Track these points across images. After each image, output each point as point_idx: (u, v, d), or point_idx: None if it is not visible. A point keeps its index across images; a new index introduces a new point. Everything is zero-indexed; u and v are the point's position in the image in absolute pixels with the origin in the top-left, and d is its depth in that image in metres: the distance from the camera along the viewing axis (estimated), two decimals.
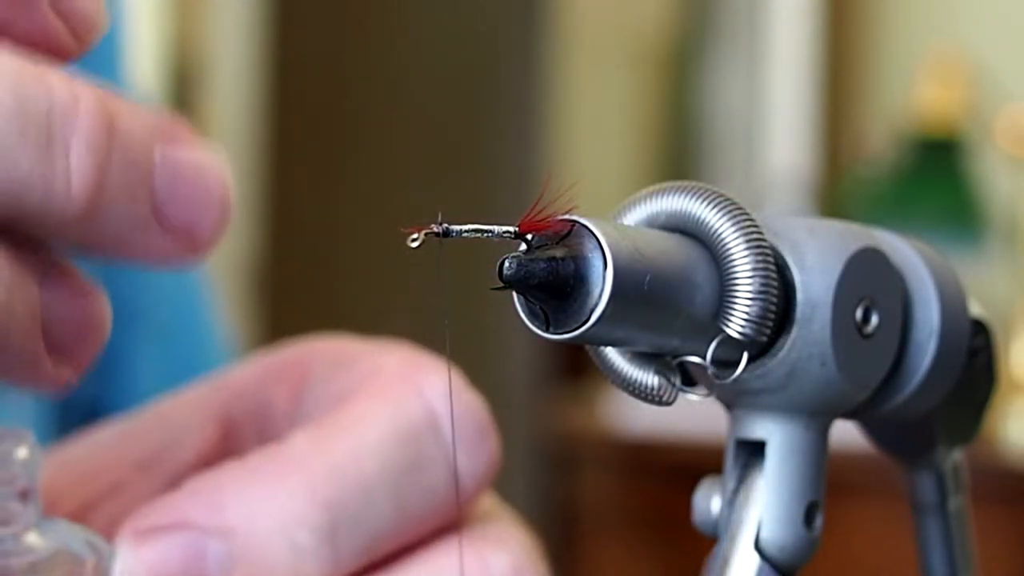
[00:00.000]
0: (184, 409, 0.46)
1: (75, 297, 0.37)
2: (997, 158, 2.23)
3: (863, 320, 0.38)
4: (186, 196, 0.38)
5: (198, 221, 0.38)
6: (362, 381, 0.44)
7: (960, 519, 0.45)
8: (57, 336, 0.37)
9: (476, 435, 0.44)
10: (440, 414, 0.43)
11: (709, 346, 0.36)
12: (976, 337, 0.42)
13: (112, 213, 0.36)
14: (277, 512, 0.41)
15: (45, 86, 0.36)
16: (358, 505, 0.41)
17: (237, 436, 0.46)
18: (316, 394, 0.46)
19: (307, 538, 0.41)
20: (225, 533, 0.41)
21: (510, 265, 0.34)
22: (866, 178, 2.33)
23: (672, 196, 0.37)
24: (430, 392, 0.43)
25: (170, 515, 0.41)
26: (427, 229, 0.35)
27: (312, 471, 0.41)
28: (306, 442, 0.42)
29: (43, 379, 0.37)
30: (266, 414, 0.46)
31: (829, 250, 0.38)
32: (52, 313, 0.37)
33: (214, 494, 0.41)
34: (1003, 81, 2.28)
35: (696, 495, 0.40)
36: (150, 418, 0.46)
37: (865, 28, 2.45)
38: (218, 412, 0.46)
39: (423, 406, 0.43)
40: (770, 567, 0.39)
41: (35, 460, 0.39)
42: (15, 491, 0.39)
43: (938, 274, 0.40)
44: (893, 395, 0.40)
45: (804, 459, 0.39)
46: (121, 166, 0.36)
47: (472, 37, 2.18)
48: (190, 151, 0.38)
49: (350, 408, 0.43)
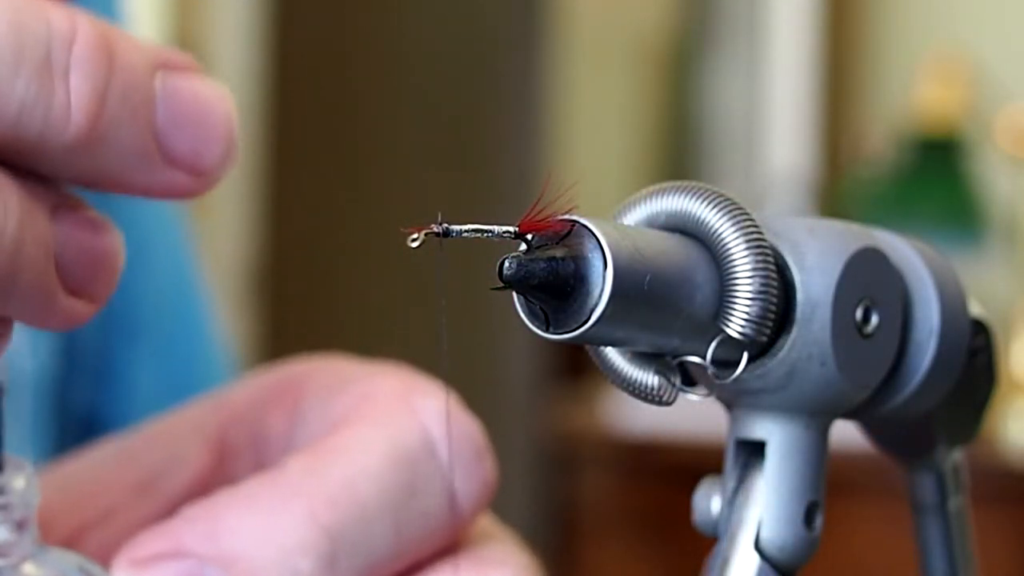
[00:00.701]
0: (179, 431, 0.45)
1: (87, 231, 0.37)
2: (997, 158, 2.23)
3: (863, 320, 0.38)
4: (189, 126, 0.37)
5: (202, 152, 0.37)
6: (357, 404, 0.44)
7: (960, 519, 0.45)
8: (70, 270, 0.36)
9: (473, 457, 0.44)
10: (436, 437, 0.43)
11: (709, 346, 0.36)
12: (976, 337, 0.42)
13: (113, 142, 0.36)
14: (277, 539, 0.40)
15: (42, 15, 0.35)
16: (357, 530, 0.41)
17: (233, 460, 0.45)
18: (311, 417, 0.45)
19: (308, 565, 0.40)
20: (224, 561, 0.40)
21: (510, 265, 0.34)
22: (866, 178, 2.33)
23: (672, 196, 0.37)
24: (425, 415, 0.43)
25: (167, 543, 0.41)
26: (427, 229, 0.35)
27: (310, 497, 0.41)
28: (303, 468, 0.42)
29: (58, 315, 0.36)
30: (262, 438, 0.45)
31: (829, 250, 0.38)
32: (64, 247, 0.36)
33: (212, 521, 0.41)
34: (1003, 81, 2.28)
35: (696, 495, 0.40)
36: (145, 439, 0.46)
37: (865, 28, 2.45)
38: (214, 435, 0.45)
39: (419, 429, 0.43)
40: (770, 567, 0.39)
41: (32, 490, 0.39)
42: (12, 521, 0.38)
43: (938, 274, 0.40)
44: (893, 395, 0.40)
45: (804, 459, 0.39)
46: (120, 94, 0.36)
47: (472, 37, 2.18)
48: (193, 81, 0.37)
49: (346, 433, 0.43)
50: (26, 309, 0.36)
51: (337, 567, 0.41)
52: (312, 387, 0.45)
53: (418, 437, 0.43)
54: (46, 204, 0.36)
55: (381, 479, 0.42)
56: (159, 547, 0.41)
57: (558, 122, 2.26)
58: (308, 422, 0.45)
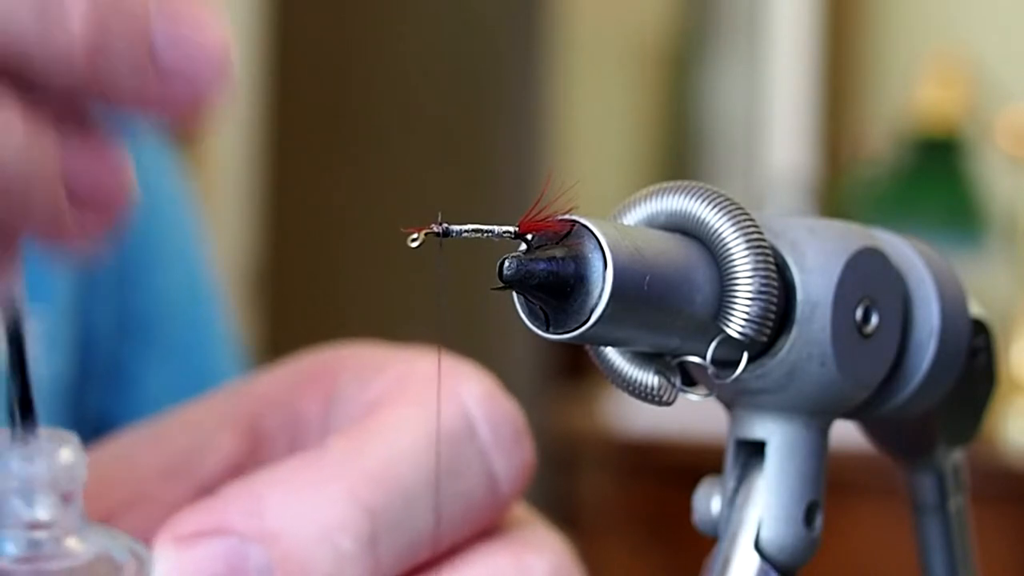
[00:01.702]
0: (209, 416, 0.46)
1: (97, 151, 0.37)
2: (997, 158, 2.23)
3: (863, 320, 0.38)
4: (183, 44, 0.37)
5: (196, 70, 0.37)
6: (396, 386, 0.44)
7: (960, 519, 0.45)
8: (81, 190, 0.36)
9: (512, 439, 0.44)
10: (476, 419, 0.43)
11: (709, 346, 0.36)
12: (976, 337, 0.42)
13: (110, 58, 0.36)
14: (319, 518, 0.41)
15: None
16: (398, 511, 0.41)
17: (266, 444, 0.46)
18: (347, 401, 0.45)
19: (349, 544, 0.41)
20: (266, 539, 0.41)
21: (510, 265, 0.34)
22: (866, 178, 2.33)
23: (672, 196, 0.37)
24: (466, 397, 0.44)
25: (210, 520, 0.41)
26: (427, 229, 0.35)
27: (352, 476, 0.41)
28: (344, 447, 0.42)
29: (70, 237, 0.36)
30: (297, 422, 0.46)
31: (829, 250, 0.38)
32: (74, 166, 0.36)
33: (254, 499, 0.41)
34: (1003, 81, 2.28)
35: (696, 495, 0.40)
36: (175, 425, 0.46)
37: (865, 28, 2.45)
38: (245, 419, 0.46)
39: (459, 411, 0.43)
40: (770, 567, 0.39)
41: (79, 463, 0.39)
42: (58, 494, 0.38)
43: (938, 274, 0.40)
44: (893, 395, 0.40)
45: (804, 459, 0.39)
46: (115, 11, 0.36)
47: (472, 37, 2.18)
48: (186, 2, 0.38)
49: (387, 413, 0.43)
50: (37, 228, 0.36)
51: (378, 546, 0.41)
52: (346, 372, 0.46)
53: (458, 418, 0.43)
54: (54, 122, 0.36)
55: (422, 460, 0.42)
56: (201, 524, 0.41)
57: (558, 122, 2.26)
58: (344, 406, 0.45)
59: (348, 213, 2.19)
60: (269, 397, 0.46)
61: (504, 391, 0.45)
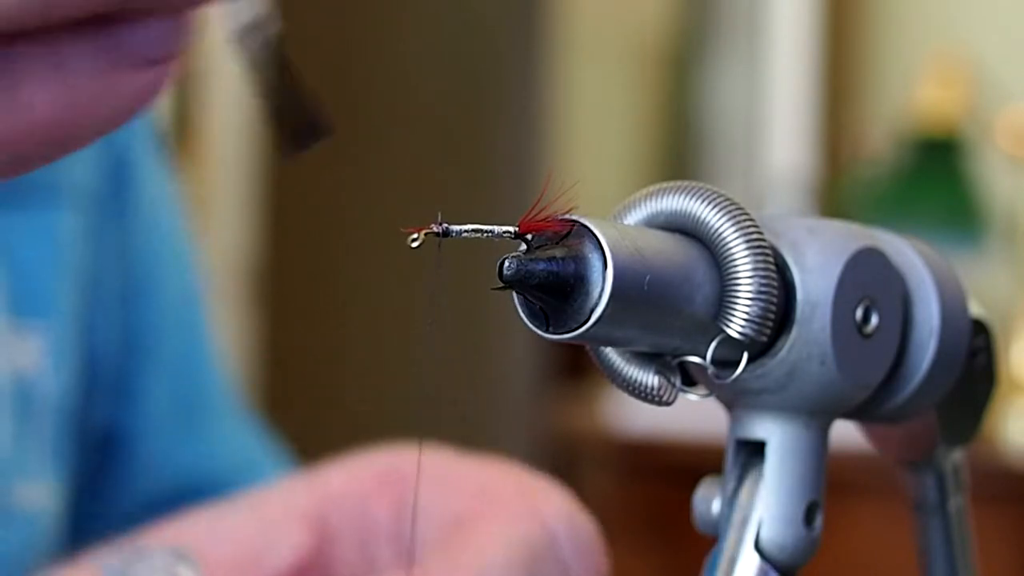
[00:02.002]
0: (279, 510, 0.49)
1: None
2: (997, 158, 2.23)
3: (863, 320, 0.38)
4: None
5: None
6: (477, 502, 0.48)
7: (960, 519, 0.45)
8: None
9: (588, 552, 0.49)
10: (559, 537, 0.48)
11: (709, 346, 0.36)
12: (976, 337, 0.42)
13: None
14: None
15: None
16: None
17: (335, 541, 0.49)
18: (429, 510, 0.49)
19: None
20: None
21: (510, 265, 0.34)
22: (866, 178, 2.33)
23: (672, 196, 0.37)
24: (549, 515, 0.48)
25: None
26: (427, 229, 0.35)
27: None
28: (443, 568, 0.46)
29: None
30: (366, 522, 0.49)
31: (829, 250, 0.38)
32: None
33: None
34: (1003, 81, 2.28)
35: (696, 495, 0.40)
36: (245, 515, 0.48)
37: (865, 28, 2.45)
38: (315, 515, 0.49)
39: (543, 530, 0.48)
40: (770, 567, 0.39)
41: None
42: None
43: (938, 274, 0.40)
44: (893, 395, 0.40)
45: (804, 459, 0.39)
46: None
47: (472, 37, 2.18)
48: None
49: (476, 533, 0.47)
50: None
51: None
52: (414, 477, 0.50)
53: (542, 537, 0.48)
54: None
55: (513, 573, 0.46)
56: None
57: (558, 122, 2.26)
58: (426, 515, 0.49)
59: (348, 213, 2.19)
60: (339, 495, 0.50)
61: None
